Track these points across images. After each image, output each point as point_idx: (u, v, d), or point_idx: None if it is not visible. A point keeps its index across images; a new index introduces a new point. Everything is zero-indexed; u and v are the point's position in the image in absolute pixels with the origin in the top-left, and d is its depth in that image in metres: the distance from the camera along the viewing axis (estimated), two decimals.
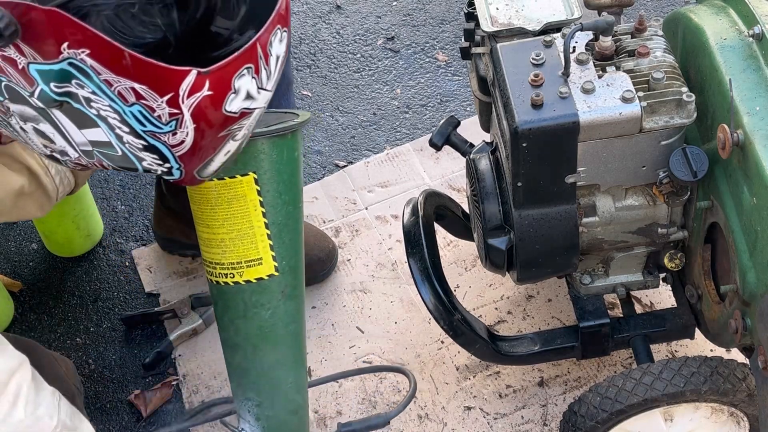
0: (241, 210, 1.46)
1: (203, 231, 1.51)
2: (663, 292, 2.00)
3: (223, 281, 1.51)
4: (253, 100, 1.16)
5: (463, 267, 2.12)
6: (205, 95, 1.09)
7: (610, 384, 1.57)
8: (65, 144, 1.16)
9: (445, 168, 2.30)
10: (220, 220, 1.47)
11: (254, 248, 1.49)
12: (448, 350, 1.99)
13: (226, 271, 1.51)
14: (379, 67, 2.56)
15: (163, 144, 1.13)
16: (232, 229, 1.47)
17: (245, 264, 1.50)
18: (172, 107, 1.09)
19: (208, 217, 1.48)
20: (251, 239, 1.48)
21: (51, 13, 1.01)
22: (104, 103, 1.09)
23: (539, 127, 1.44)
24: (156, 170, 1.19)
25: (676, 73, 1.49)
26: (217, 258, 1.50)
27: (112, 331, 2.12)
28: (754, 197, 1.36)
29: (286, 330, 1.55)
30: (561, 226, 1.56)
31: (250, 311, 1.52)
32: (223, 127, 1.16)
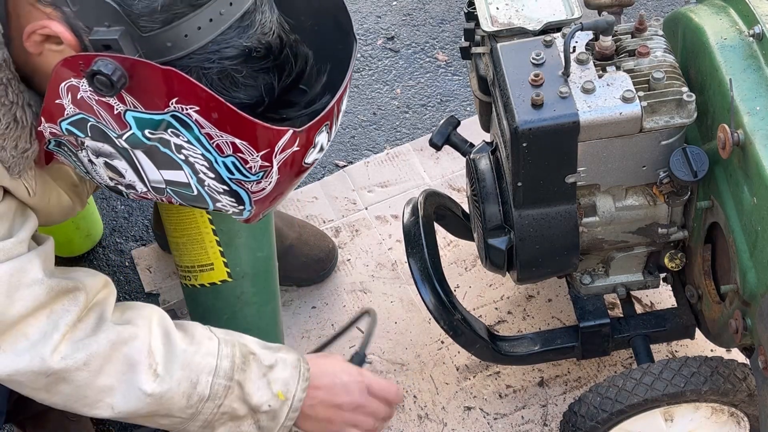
0: (188, 216, 1.51)
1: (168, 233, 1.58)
2: (663, 292, 2.00)
3: (183, 282, 1.57)
4: (323, 152, 1.24)
5: (463, 267, 2.12)
6: (294, 151, 1.17)
7: (611, 384, 1.57)
8: (136, 179, 1.21)
9: (445, 168, 2.30)
10: (173, 224, 1.53)
11: (205, 254, 1.52)
12: (448, 350, 1.99)
13: (184, 273, 1.56)
14: (379, 67, 2.56)
15: (245, 191, 1.20)
16: (183, 234, 1.53)
17: (198, 268, 1.53)
18: (265, 161, 1.16)
19: (165, 219, 1.55)
20: (201, 245, 1.51)
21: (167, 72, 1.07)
22: (197, 152, 1.14)
23: (539, 127, 1.44)
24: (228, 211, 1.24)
25: (677, 73, 1.49)
26: (177, 260, 1.56)
27: None
28: (754, 197, 1.36)
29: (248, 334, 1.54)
30: (561, 226, 1.56)
31: (208, 314, 1.53)
32: (300, 177, 1.25)
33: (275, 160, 1.15)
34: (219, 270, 1.51)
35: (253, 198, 1.21)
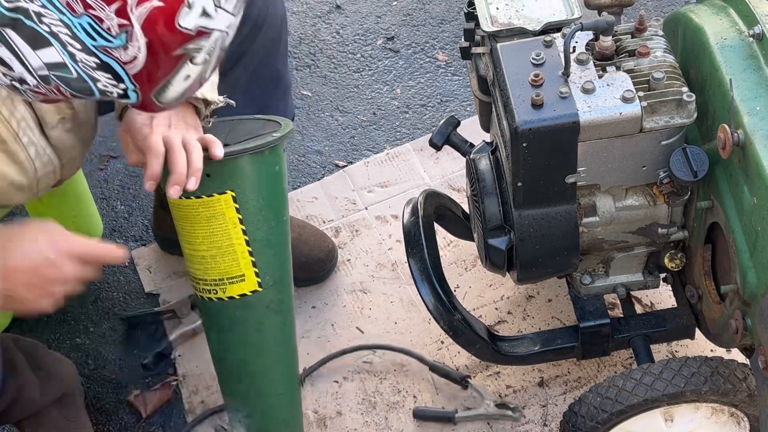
0: (220, 228, 1.46)
1: (185, 247, 1.51)
2: (663, 292, 2.00)
3: (206, 297, 1.51)
4: (210, 19, 1.15)
5: (463, 267, 2.12)
6: (155, 6, 1.09)
7: (611, 384, 1.57)
8: (23, 70, 1.15)
9: (445, 168, 2.30)
10: (200, 238, 1.47)
11: (236, 265, 1.48)
12: (448, 350, 1.99)
13: (209, 287, 1.50)
14: (379, 67, 2.56)
15: (116, 61, 1.13)
16: (212, 247, 1.47)
17: (227, 281, 1.49)
18: (120, 17, 1.08)
19: (189, 233, 1.48)
20: (232, 256, 1.47)
21: None
22: (54, 17, 1.08)
23: (539, 127, 1.44)
24: (112, 92, 1.18)
25: (677, 73, 1.49)
26: (200, 274, 1.50)
27: (112, 332, 2.12)
28: (754, 197, 1.36)
29: (274, 343, 1.54)
30: (561, 226, 1.56)
31: (235, 326, 1.51)
32: (178, 45, 1.15)
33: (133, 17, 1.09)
34: (250, 280, 1.48)
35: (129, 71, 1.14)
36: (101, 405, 2.02)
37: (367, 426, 1.92)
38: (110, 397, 2.02)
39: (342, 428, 1.91)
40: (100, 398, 2.03)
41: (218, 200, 1.43)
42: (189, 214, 1.45)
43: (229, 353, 1.53)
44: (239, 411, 1.58)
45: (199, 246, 1.47)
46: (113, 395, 2.03)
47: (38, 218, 1.53)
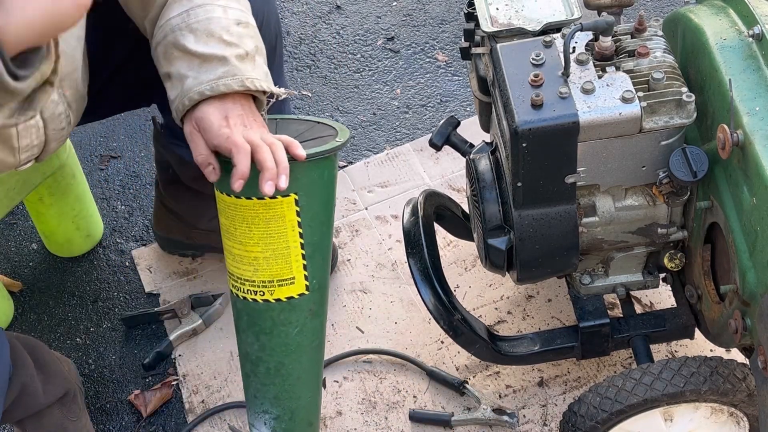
0: (278, 230, 1.44)
1: (234, 246, 1.47)
2: (663, 292, 2.00)
3: (251, 298, 1.48)
4: None
5: (463, 267, 2.12)
6: None
7: (610, 384, 1.57)
8: None
9: (445, 168, 2.30)
10: (255, 239, 1.44)
11: (288, 268, 1.46)
12: (448, 350, 1.99)
13: (255, 289, 1.47)
14: (379, 67, 2.56)
15: None
16: (267, 248, 1.45)
17: (277, 283, 1.47)
18: None
19: (243, 234, 1.45)
20: (285, 259, 1.45)
21: None
22: None
23: (539, 127, 1.44)
24: None
25: (676, 74, 1.49)
26: (247, 275, 1.47)
27: (112, 332, 2.12)
28: (754, 197, 1.36)
29: (311, 346, 1.54)
30: (561, 226, 1.56)
31: (277, 328, 1.49)
32: None
33: None
34: (299, 283, 1.46)
35: None
36: (101, 405, 2.02)
37: (367, 426, 1.92)
38: (110, 397, 2.03)
39: (342, 428, 1.91)
40: (100, 398, 2.03)
41: (281, 203, 1.41)
42: (247, 214, 1.43)
43: (266, 354, 1.51)
44: (267, 412, 1.56)
45: (253, 247, 1.45)
46: (113, 395, 2.03)
47: None
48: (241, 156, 1.36)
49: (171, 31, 1.44)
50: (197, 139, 1.41)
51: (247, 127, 1.40)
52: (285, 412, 1.57)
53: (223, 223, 1.48)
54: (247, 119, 1.42)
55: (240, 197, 1.42)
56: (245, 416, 1.95)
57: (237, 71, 1.41)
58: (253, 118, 1.43)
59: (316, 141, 1.49)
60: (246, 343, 1.53)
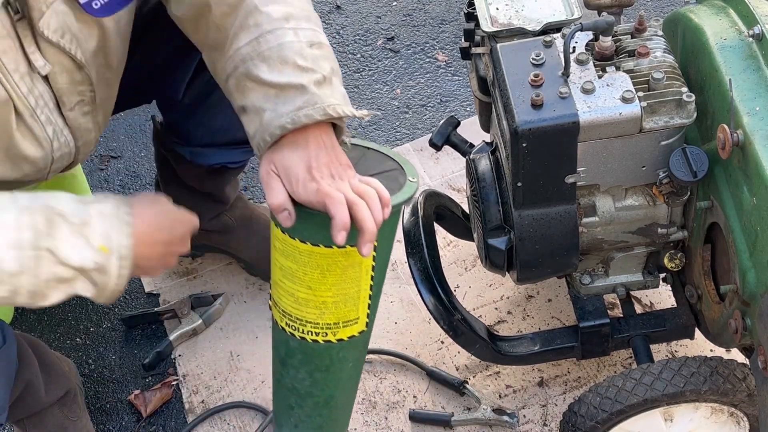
0: (354, 276, 1.38)
1: (300, 290, 1.39)
2: (663, 292, 2.00)
3: (311, 339, 1.42)
4: None
5: (463, 267, 2.12)
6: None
7: (610, 384, 1.57)
8: None
9: (445, 168, 2.30)
10: (328, 284, 1.37)
11: (354, 309, 1.41)
12: (448, 350, 1.99)
13: (318, 330, 1.42)
14: (379, 67, 2.56)
15: None
16: (338, 293, 1.38)
17: (342, 324, 1.42)
18: None
19: (314, 280, 1.37)
20: (354, 302, 1.40)
21: None
22: None
23: (539, 127, 1.44)
24: None
25: (676, 74, 1.49)
26: (311, 318, 1.41)
27: (112, 332, 2.12)
28: (754, 197, 1.36)
29: (359, 375, 1.53)
30: (561, 226, 1.56)
31: (334, 365, 1.46)
32: None
33: None
34: (361, 321, 1.42)
35: None
36: (101, 405, 2.02)
37: (367, 426, 1.92)
38: (110, 397, 2.03)
39: None
40: (100, 398, 2.03)
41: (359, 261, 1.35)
42: (323, 262, 1.35)
43: (318, 389, 1.46)
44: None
45: (324, 293, 1.38)
46: (113, 395, 2.03)
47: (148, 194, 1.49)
48: (339, 207, 1.27)
49: (242, 61, 1.35)
50: (275, 183, 1.31)
51: (335, 178, 1.31)
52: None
53: (288, 266, 1.38)
54: (332, 166, 1.32)
55: (318, 245, 1.33)
56: (245, 416, 1.95)
57: (317, 99, 1.32)
58: (338, 161, 1.34)
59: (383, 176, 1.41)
60: (296, 379, 1.48)
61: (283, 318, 1.43)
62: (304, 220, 1.31)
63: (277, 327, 1.46)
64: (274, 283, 1.43)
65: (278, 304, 1.43)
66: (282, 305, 1.42)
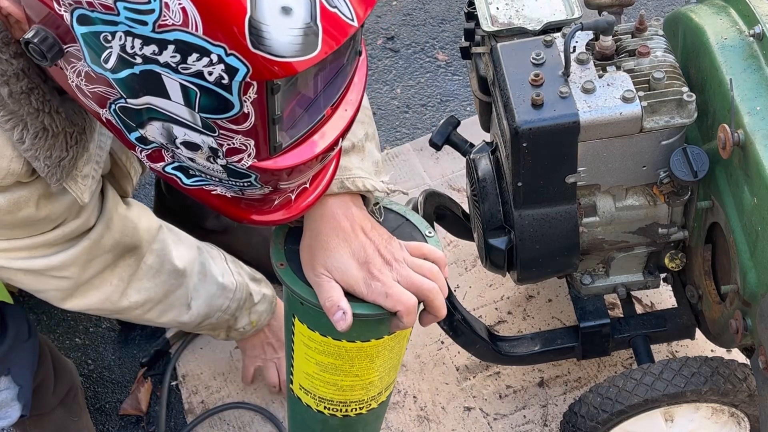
0: (399, 350, 1.35)
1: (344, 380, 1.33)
2: (663, 292, 2.00)
3: (355, 414, 1.39)
4: None
5: (463, 267, 2.12)
6: None
7: (611, 384, 1.57)
8: None
9: (445, 168, 2.30)
10: (375, 367, 1.33)
11: (395, 372, 1.39)
12: (448, 350, 1.99)
13: (363, 405, 1.38)
14: (379, 67, 2.56)
15: None
16: (384, 370, 1.35)
17: (385, 390, 1.40)
18: None
19: (362, 369, 1.32)
20: (396, 368, 1.38)
21: None
22: None
23: (539, 127, 1.44)
24: None
25: (677, 73, 1.49)
26: (357, 398, 1.36)
27: (111, 332, 2.12)
28: (754, 197, 1.36)
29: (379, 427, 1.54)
30: (561, 226, 1.56)
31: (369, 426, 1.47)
32: None
33: None
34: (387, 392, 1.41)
35: None
36: (101, 405, 2.01)
37: None
38: (109, 397, 2.02)
39: None
40: (99, 398, 2.03)
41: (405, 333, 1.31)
42: (372, 352, 1.30)
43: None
44: None
45: (369, 375, 1.33)
46: (113, 395, 2.03)
47: None
48: (411, 317, 1.23)
49: None
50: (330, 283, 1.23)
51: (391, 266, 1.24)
52: None
53: (329, 362, 1.31)
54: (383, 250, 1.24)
55: (368, 340, 1.28)
56: (245, 416, 1.95)
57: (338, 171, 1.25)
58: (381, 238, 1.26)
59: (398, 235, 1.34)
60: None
61: (320, 403, 1.38)
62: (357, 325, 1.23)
63: (309, 410, 1.40)
64: (305, 374, 1.36)
65: (312, 392, 1.37)
66: (319, 393, 1.37)
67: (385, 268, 1.23)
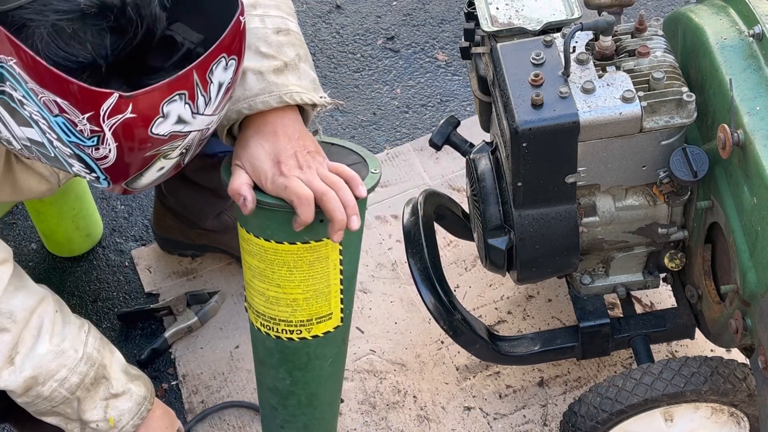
0: (321, 271, 1.39)
1: (269, 289, 1.41)
2: (663, 292, 2.00)
3: (286, 337, 1.44)
4: (186, 124, 1.18)
5: (463, 267, 2.12)
6: (127, 117, 1.12)
7: (611, 384, 1.57)
8: (9, 136, 1.19)
9: (445, 168, 2.30)
10: (296, 282, 1.39)
11: (327, 305, 1.42)
12: (448, 350, 1.99)
13: (292, 328, 1.43)
14: (379, 67, 2.56)
15: (88, 156, 1.16)
16: (308, 290, 1.40)
17: (315, 320, 1.43)
18: (93, 125, 1.12)
19: (282, 278, 1.39)
20: (326, 297, 1.41)
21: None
22: (34, 108, 1.12)
23: (539, 127, 1.44)
24: (85, 177, 1.22)
25: (677, 73, 1.49)
26: (284, 316, 1.42)
27: (112, 331, 2.12)
28: (754, 197, 1.36)
29: (341, 372, 1.53)
30: (561, 226, 1.56)
31: (312, 363, 1.47)
32: (150, 148, 1.18)
33: (104, 125, 1.12)
34: (336, 317, 1.43)
35: (101, 165, 1.17)
36: None
37: (367, 426, 1.92)
38: None
39: (342, 428, 1.91)
40: None
41: (326, 244, 1.36)
42: (288, 258, 1.37)
43: (299, 388, 1.48)
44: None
45: (293, 290, 1.40)
46: None
47: None
48: (305, 207, 1.30)
49: None
50: (239, 171, 1.35)
51: (302, 168, 1.33)
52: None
53: (256, 266, 1.40)
54: (300, 156, 1.34)
55: (282, 242, 1.36)
56: (245, 416, 1.95)
57: (274, 87, 1.35)
58: (305, 149, 1.35)
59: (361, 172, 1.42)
60: (276, 379, 1.49)
61: (257, 318, 1.45)
62: (267, 218, 1.34)
63: (253, 328, 1.48)
64: (246, 283, 1.45)
65: (252, 304, 1.45)
66: (255, 305, 1.44)
67: (294, 170, 1.32)
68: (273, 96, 1.34)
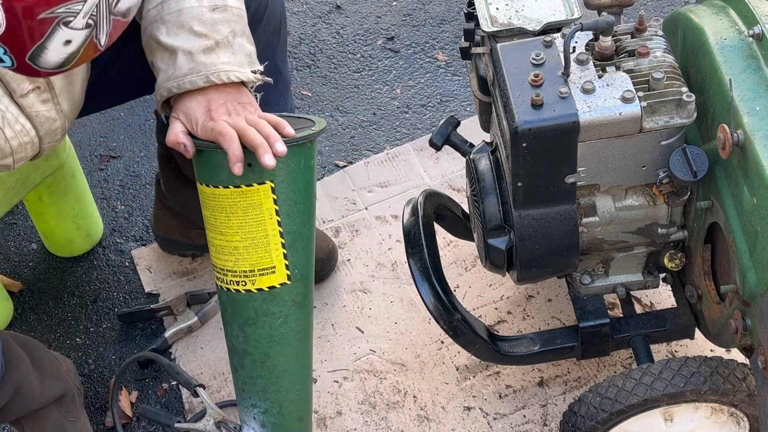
0: (256, 218, 1.45)
1: (215, 237, 1.49)
2: (663, 292, 2.00)
3: (234, 288, 1.50)
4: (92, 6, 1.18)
5: (463, 267, 2.12)
6: None
7: (610, 384, 1.57)
8: None
9: (445, 168, 2.30)
10: (234, 228, 1.46)
11: (268, 257, 1.47)
12: (448, 350, 1.99)
13: (237, 279, 1.49)
14: (379, 67, 2.56)
15: None
16: (246, 237, 1.46)
17: (258, 272, 1.48)
18: None
19: (222, 224, 1.47)
20: (265, 248, 1.47)
21: None
22: None
23: (539, 127, 1.44)
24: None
25: (676, 73, 1.49)
26: (229, 265, 1.49)
27: (112, 332, 2.12)
28: (754, 197, 1.36)
29: (297, 338, 1.55)
30: (561, 226, 1.56)
31: (260, 319, 1.51)
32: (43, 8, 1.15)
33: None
34: (280, 273, 1.48)
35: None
36: (101, 405, 2.02)
37: (367, 426, 1.92)
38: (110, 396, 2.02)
39: (342, 428, 1.91)
40: (99, 398, 2.03)
41: (257, 190, 1.43)
42: (225, 203, 1.45)
43: (251, 346, 1.53)
44: (256, 406, 1.58)
45: (232, 237, 1.47)
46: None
47: None
48: (229, 142, 1.38)
49: (149, 23, 1.46)
50: (174, 122, 1.44)
51: (231, 115, 1.42)
52: (273, 405, 1.57)
53: (205, 216, 1.50)
54: (230, 105, 1.43)
55: (218, 186, 1.44)
56: None
57: (202, 67, 1.42)
58: (238, 102, 1.44)
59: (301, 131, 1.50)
60: (232, 336, 1.55)
61: (216, 274, 1.53)
62: (202, 162, 1.43)
63: (216, 283, 1.55)
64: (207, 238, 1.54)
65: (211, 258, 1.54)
66: (211, 258, 1.53)
67: (223, 115, 1.41)
68: (200, 75, 1.41)
